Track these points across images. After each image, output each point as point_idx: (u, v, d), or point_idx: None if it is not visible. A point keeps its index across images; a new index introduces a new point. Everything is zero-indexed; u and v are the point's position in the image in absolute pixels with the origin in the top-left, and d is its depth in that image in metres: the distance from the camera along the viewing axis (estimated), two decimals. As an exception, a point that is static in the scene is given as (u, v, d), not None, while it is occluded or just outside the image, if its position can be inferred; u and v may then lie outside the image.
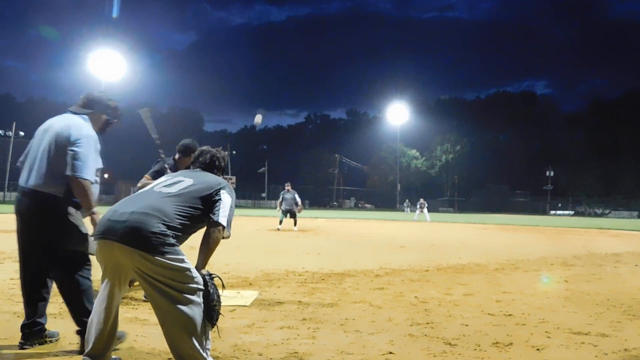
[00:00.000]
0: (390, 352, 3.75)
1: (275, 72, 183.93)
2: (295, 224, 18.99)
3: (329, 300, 5.62)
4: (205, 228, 3.07)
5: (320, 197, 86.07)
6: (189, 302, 2.85)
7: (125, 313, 4.75)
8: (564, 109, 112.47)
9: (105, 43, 58.23)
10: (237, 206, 3.17)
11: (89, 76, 60.08)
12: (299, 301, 5.52)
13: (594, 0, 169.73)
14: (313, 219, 29.73)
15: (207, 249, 3.03)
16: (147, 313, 4.77)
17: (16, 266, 3.87)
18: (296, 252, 10.73)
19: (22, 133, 56.92)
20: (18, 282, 5.97)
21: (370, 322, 4.68)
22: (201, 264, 3.00)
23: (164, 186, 3.17)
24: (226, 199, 3.12)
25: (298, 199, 19.08)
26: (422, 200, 37.70)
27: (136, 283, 4.41)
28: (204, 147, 3.64)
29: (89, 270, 3.64)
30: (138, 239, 2.78)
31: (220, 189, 3.16)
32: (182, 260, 2.86)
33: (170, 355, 3.04)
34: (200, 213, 3.05)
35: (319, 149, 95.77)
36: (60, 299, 3.72)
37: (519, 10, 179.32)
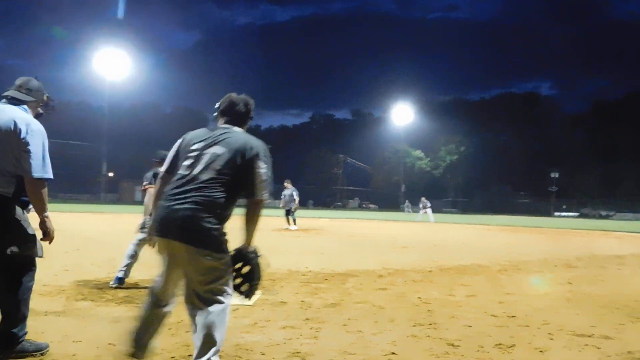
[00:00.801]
0: (393, 353, 3.75)
1: (280, 71, 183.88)
2: (294, 222, 18.87)
3: (331, 300, 5.63)
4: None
5: (324, 197, 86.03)
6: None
7: (128, 312, 4.77)
8: (566, 110, 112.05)
9: (111, 42, 58.25)
10: (239, 206, 3.07)
11: (94, 75, 60.23)
12: (302, 301, 5.52)
13: (597, 1, 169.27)
14: (316, 219, 29.72)
15: (253, 225, 3.01)
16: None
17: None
18: (299, 252, 10.74)
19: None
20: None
21: (373, 322, 4.68)
22: (250, 240, 3.02)
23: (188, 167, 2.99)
24: (262, 167, 3.02)
25: (296, 196, 18.94)
26: (424, 199, 36.30)
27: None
28: (233, 95, 3.38)
29: (34, 273, 3.49)
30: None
31: (254, 156, 3.00)
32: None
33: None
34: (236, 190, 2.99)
35: (323, 149, 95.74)
36: (63, 297, 3.73)
37: (522, 11, 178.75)
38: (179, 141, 3.22)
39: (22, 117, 3.34)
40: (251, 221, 3.01)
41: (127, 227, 18.34)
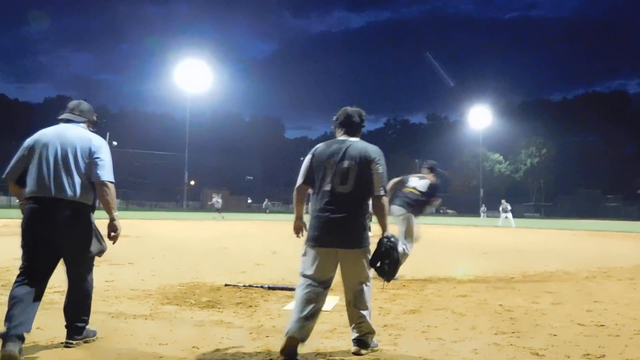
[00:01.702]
0: (474, 361, 3.67)
1: (355, 77, 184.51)
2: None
3: (410, 307, 5.57)
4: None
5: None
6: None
7: (210, 316, 4.92)
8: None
9: (192, 54, 60.39)
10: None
11: (176, 87, 62.54)
12: (380, 307, 5.50)
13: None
14: (391, 225, 29.48)
15: (383, 217, 3.85)
16: (231, 316, 4.92)
17: (113, 269, 4.07)
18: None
19: (115, 143, 60.05)
20: (113, 284, 6.30)
21: (454, 329, 4.60)
22: (385, 229, 3.87)
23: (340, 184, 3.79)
24: (379, 170, 3.84)
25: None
26: (504, 202, 34.24)
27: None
28: (348, 108, 4.10)
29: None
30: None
31: (372, 162, 3.83)
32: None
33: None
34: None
35: (399, 154, 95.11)
36: (150, 301, 3.88)
37: (604, 5, 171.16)
38: (309, 157, 3.93)
39: (87, 134, 3.89)
40: (379, 214, 3.86)
41: (208, 233, 18.96)
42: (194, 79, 59.71)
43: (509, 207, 33.98)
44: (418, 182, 8.09)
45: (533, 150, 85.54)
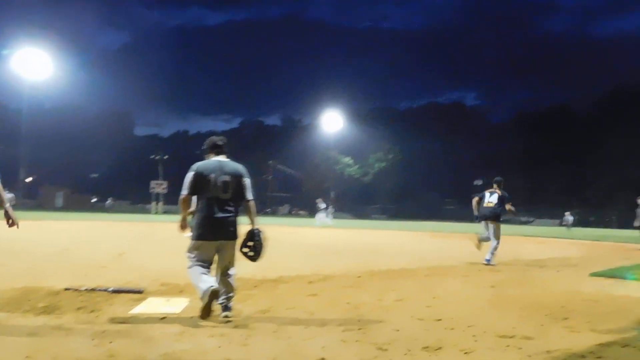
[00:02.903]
0: (323, 358, 3.74)
1: (210, 76, 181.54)
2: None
3: (261, 307, 5.58)
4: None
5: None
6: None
7: (47, 322, 4.55)
8: (491, 120, 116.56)
9: (31, 41, 55.64)
10: (165, 212, 3.96)
11: (10, 75, 57.43)
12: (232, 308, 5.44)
13: (522, 16, 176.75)
14: (246, 226, 29.43)
15: (253, 215, 5.26)
16: (72, 322, 4.59)
17: None
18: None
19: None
20: None
21: (303, 328, 4.67)
22: (254, 223, 5.23)
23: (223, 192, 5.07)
24: (248, 182, 5.25)
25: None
26: (320, 201, 33.94)
27: None
28: (213, 137, 5.34)
29: None
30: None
31: (242, 176, 5.20)
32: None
33: None
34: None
35: (253, 155, 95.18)
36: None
37: (451, 23, 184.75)
38: (191, 173, 5.03)
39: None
40: (250, 213, 5.25)
41: (48, 235, 17.59)
42: (32, 67, 55.06)
43: (323, 206, 34.17)
44: (491, 197, 11.16)
45: (381, 155, 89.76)
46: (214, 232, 5.03)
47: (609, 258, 14.06)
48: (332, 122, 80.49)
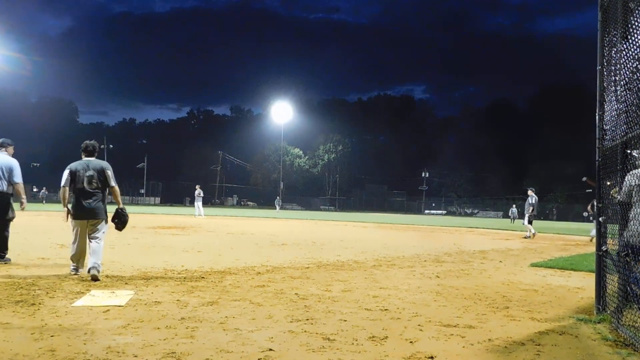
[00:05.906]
0: (270, 349, 3.75)
1: (157, 64, 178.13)
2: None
3: (208, 299, 5.54)
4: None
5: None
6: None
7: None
8: (438, 114, 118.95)
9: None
10: (110, 202, 7.17)
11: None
12: (178, 300, 5.39)
13: (469, 12, 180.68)
14: (194, 217, 29.13)
15: (118, 196, 7.10)
16: (9, 316, 4.44)
17: None
18: (175, 250, 10.47)
19: None
20: None
21: (251, 319, 4.67)
22: (120, 203, 7.15)
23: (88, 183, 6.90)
24: (110, 173, 7.04)
25: None
26: (198, 188, 31.21)
27: None
28: (87, 142, 7.26)
29: None
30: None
31: (105, 169, 6.99)
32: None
33: None
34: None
35: (202, 145, 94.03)
36: None
37: (401, 17, 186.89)
38: (67, 170, 6.88)
39: None
40: (116, 196, 7.10)
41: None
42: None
43: (201, 194, 31.42)
44: (531, 201, 19.36)
45: (330, 147, 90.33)
46: (83, 214, 6.85)
47: (548, 249, 14.59)
48: (282, 113, 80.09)
